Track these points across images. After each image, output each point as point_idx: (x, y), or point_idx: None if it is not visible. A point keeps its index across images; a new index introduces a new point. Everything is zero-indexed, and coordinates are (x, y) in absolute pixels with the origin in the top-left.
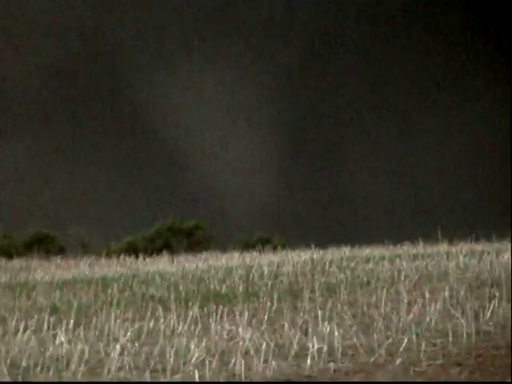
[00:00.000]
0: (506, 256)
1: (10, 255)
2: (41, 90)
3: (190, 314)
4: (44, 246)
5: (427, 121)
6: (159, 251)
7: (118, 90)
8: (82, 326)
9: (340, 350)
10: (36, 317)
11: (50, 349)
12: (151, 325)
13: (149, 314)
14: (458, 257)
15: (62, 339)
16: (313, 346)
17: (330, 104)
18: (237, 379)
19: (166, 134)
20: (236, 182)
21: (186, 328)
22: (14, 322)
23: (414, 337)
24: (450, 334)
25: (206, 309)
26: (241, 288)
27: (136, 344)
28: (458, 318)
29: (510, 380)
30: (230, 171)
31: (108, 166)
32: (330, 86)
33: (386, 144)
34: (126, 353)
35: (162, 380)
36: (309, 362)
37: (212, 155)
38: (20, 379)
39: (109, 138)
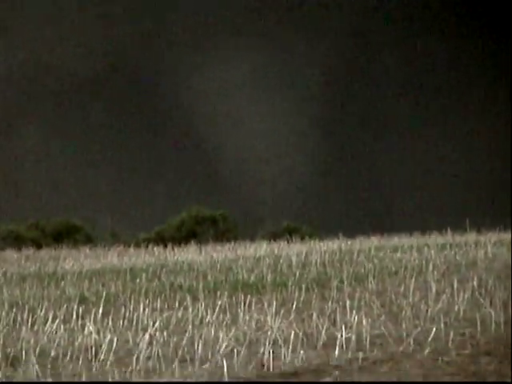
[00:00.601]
0: None
1: (39, 245)
2: (76, 83)
3: (219, 303)
4: (72, 236)
5: (458, 118)
6: (186, 240)
7: (151, 87)
8: (110, 316)
9: (368, 340)
10: (65, 306)
11: (79, 338)
12: (180, 314)
13: (177, 303)
14: (487, 246)
15: (91, 329)
16: (341, 336)
17: (365, 98)
18: (265, 369)
19: (194, 123)
20: (264, 170)
21: (214, 317)
22: (42, 312)
23: (442, 326)
24: (479, 323)
25: (234, 298)
26: (269, 278)
27: (165, 333)
28: (486, 308)
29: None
30: (258, 159)
31: (136, 155)
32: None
33: (415, 135)
34: (154, 342)
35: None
36: (337, 351)
37: (240, 143)
38: (49, 369)
39: (137, 128)
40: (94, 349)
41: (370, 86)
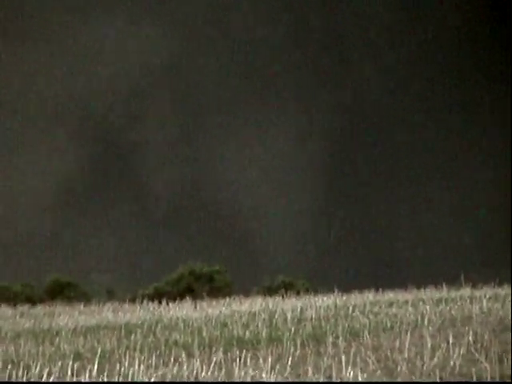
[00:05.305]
0: None
1: (33, 302)
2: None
3: (214, 359)
4: (67, 292)
5: (455, 173)
6: (182, 296)
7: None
8: (105, 373)
9: None
10: (60, 363)
11: None
12: (175, 370)
13: (172, 359)
14: (482, 301)
15: None
16: None
17: (364, 149)
18: None
19: (190, 180)
20: (260, 226)
21: (209, 374)
22: (37, 369)
23: (438, 381)
24: (475, 378)
25: (229, 354)
26: (264, 333)
27: None
28: (482, 363)
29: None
30: (253, 215)
31: (132, 212)
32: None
33: (411, 192)
34: None
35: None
36: None
37: (236, 198)
38: None
39: (133, 185)
40: None
41: (369, 142)
